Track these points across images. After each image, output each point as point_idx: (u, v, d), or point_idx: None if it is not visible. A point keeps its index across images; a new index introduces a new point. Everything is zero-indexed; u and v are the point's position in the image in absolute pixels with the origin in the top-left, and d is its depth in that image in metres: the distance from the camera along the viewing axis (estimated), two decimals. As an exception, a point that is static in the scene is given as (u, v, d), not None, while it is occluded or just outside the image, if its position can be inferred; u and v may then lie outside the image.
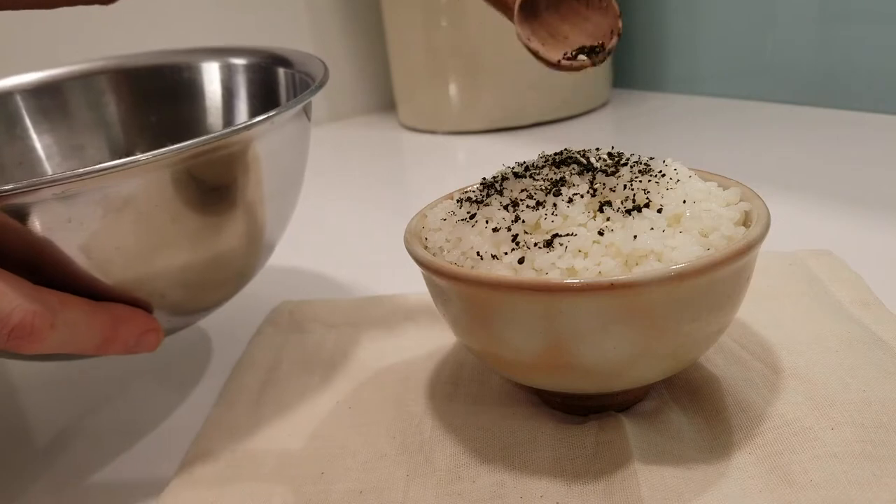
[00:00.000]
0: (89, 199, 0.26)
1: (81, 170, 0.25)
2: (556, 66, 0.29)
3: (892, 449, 0.24)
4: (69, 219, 0.26)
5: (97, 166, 0.25)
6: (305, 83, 0.39)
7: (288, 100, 0.41)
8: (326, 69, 0.37)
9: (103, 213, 0.26)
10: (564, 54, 0.29)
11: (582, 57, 0.29)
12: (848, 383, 0.28)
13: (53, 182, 0.24)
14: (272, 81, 0.43)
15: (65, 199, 0.25)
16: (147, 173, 0.27)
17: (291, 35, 0.91)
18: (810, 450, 0.25)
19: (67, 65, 0.47)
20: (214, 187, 0.30)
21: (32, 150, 0.45)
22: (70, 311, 0.26)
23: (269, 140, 0.31)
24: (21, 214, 0.25)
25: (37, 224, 0.25)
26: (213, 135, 0.27)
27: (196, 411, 0.34)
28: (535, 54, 0.29)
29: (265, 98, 0.44)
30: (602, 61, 0.29)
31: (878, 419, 0.26)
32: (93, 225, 0.26)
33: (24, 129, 0.45)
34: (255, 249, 0.34)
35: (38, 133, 0.45)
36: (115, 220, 0.27)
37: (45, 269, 0.27)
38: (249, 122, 0.29)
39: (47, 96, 0.46)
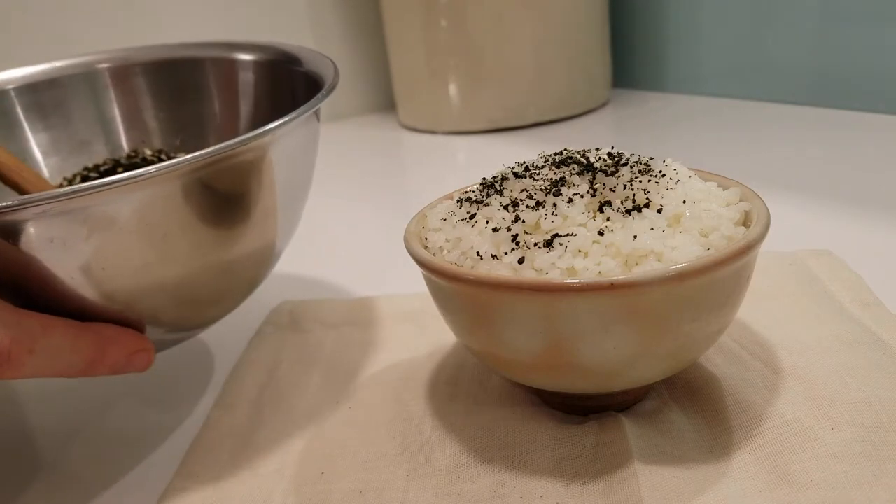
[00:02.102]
0: (74, 218, 0.24)
1: (71, 187, 0.23)
2: None
3: (892, 449, 0.24)
4: (52, 238, 0.24)
5: (84, 184, 0.23)
6: (314, 82, 0.37)
7: (297, 99, 0.39)
8: (336, 69, 0.36)
9: (89, 232, 0.25)
10: None
11: None
12: (848, 383, 0.28)
13: (43, 201, 0.23)
14: (281, 80, 0.42)
15: (50, 217, 0.24)
16: (142, 189, 0.25)
17: (292, 35, 0.91)
18: (810, 450, 0.25)
19: (66, 58, 0.45)
20: (218, 199, 0.28)
21: (30, 147, 0.44)
22: (52, 334, 0.25)
23: (280, 145, 0.30)
24: (2, 234, 0.24)
25: (19, 243, 0.24)
26: (213, 148, 0.25)
27: (196, 411, 0.34)
28: None
29: (274, 96, 0.43)
30: None
31: (878, 419, 0.26)
32: (78, 244, 0.25)
33: (20, 126, 0.43)
34: (263, 261, 0.33)
35: (36, 130, 0.44)
36: (103, 239, 0.25)
37: (31, 290, 0.26)
38: (259, 132, 0.27)
39: (46, 91, 0.44)
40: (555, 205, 0.26)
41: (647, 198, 0.26)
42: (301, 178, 0.35)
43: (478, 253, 0.26)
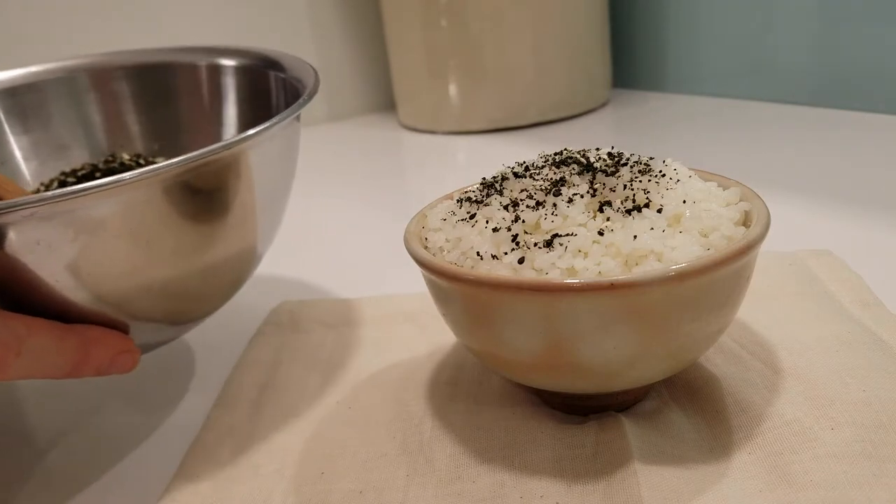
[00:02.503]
0: (59, 222, 0.24)
1: (58, 190, 0.23)
2: None
3: (892, 449, 0.24)
4: (38, 241, 0.24)
5: (71, 188, 0.23)
6: (295, 88, 0.38)
7: (278, 105, 0.40)
8: (317, 76, 0.36)
9: (74, 235, 0.25)
10: None
11: None
12: (848, 383, 0.28)
13: (25, 205, 0.23)
14: (262, 85, 0.42)
15: (37, 220, 0.24)
16: (125, 193, 0.25)
17: (292, 35, 0.91)
18: (810, 450, 0.25)
19: (48, 62, 0.45)
20: (199, 203, 0.28)
21: (10, 151, 0.43)
22: (38, 337, 0.25)
23: (259, 151, 0.30)
24: None
25: (4, 246, 0.24)
26: (193, 153, 0.26)
27: (196, 411, 0.34)
28: None
29: (255, 102, 0.43)
30: None
31: (878, 419, 0.26)
32: (63, 247, 0.25)
33: (1, 130, 0.43)
34: (243, 262, 0.34)
35: (16, 134, 0.43)
36: (87, 242, 0.25)
37: (16, 292, 0.26)
38: (238, 138, 0.28)
39: (27, 95, 0.44)
40: (555, 205, 0.26)
41: (647, 198, 0.26)
42: (282, 181, 0.35)
43: (478, 253, 0.26)
